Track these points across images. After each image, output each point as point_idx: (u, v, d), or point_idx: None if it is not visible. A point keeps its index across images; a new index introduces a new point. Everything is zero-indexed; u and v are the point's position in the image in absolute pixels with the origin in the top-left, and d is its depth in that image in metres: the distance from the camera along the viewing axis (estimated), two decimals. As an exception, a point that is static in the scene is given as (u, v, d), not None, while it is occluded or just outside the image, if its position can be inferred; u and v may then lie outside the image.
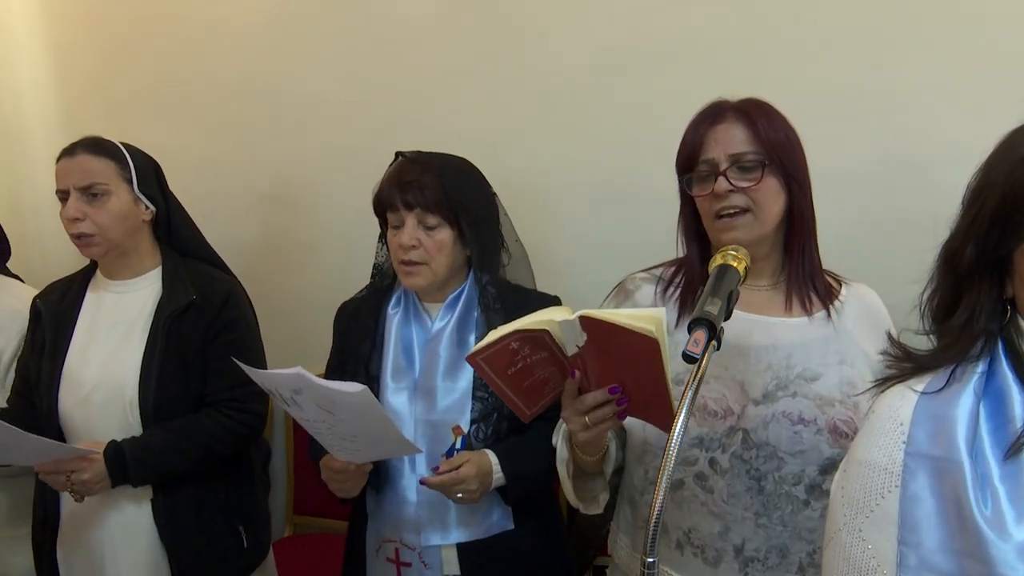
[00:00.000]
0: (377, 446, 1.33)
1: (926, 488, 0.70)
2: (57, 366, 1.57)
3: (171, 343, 1.54)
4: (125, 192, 1.56)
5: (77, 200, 1.52)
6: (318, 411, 1.24)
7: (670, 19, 1.93)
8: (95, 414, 1.54)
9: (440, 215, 1.42)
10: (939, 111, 1.77)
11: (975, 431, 0.70)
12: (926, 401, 0.74)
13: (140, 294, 1.60)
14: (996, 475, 0.69)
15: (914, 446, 0.72)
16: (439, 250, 1.43)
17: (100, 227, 1.53)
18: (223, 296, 1.60)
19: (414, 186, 1.42)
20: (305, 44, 2.20)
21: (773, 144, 1.15)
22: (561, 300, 1.54)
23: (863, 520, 0.74)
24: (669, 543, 1.20)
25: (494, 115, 2.09)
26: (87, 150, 1.55)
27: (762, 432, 1.13)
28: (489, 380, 1.05)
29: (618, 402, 1.03)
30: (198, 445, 1.54)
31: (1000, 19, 1.72)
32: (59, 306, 1.63)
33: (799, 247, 1.21)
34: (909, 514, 0.71)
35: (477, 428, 1.43)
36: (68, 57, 2.38)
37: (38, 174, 2.45)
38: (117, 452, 1.47)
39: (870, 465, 0.74)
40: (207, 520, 1.59)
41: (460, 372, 1.45)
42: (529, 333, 1.01)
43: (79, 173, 1.53)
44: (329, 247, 2.29)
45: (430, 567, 1.46)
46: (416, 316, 1.51)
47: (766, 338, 1.18)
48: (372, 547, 1.52)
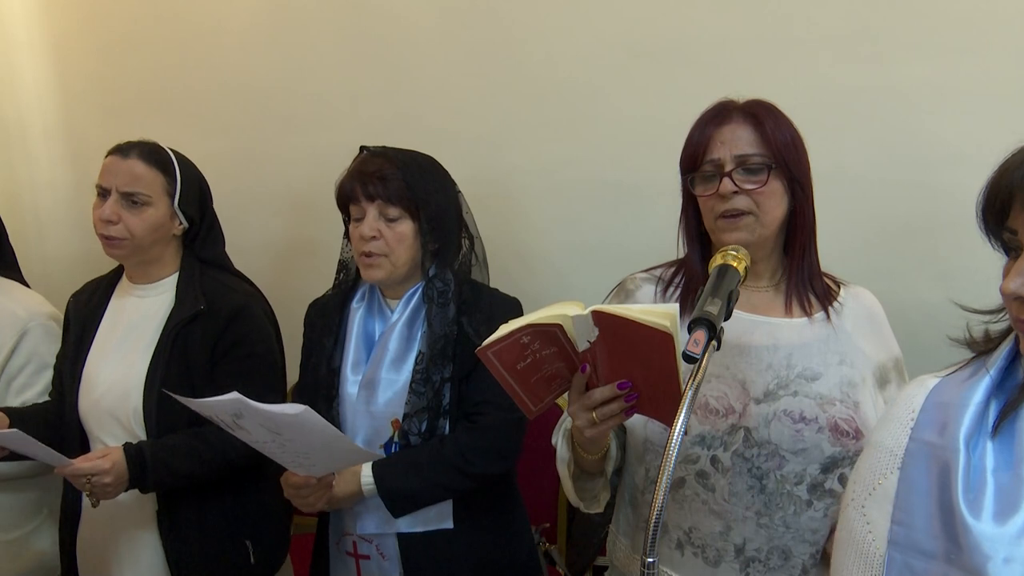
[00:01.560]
0: (333, 458, 1.33)
1: (923, 472, 0.75)
2: (79, 366, 1.59)
3: (177, 352, 1.53)
4: (165, 205, 1.56)
5: (116, 202, 1.52)
6: (265, 432, 1.23)
7: (670, 19, 1.93)
8: (105, 417, 1.55)
9: (401, 207, 1.43)
10: (939, 111, 1.77)
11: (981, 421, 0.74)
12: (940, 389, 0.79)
13: (157, 300, 1.60)
14: (990, 468, 0.72)
15: (919, 431, 0.77)
16: (399, 242, 1.43)
17: (132, 233, 1.53)
18: (234, 308, 1.57)
19: (375, 177, 1.42)
20: (305, 44, 2.20)
21: (779, 147, 1.15)
22: (520, 302, 1.55)
23: (866, 497, 0.79)
24: (669, 543, 1.20)
25: (494, 115, 2.09)
26: (141, 156, 1.54)
27: (764, 430, 1.13)
28: (497, 375, 1.05)
29: (627, 398, 1.03)
30: (216, 452, 1.52)
31: (1000, 19, 1.72)
32: (87, 306, 1.64)
33: (800, 249, 1.21)
34: (904, 495, 0.75)
35: (410, 423, 1.43)
36: (68, 57, 2.38)
37: (38, 174, 2.45)
38: (138, 452, 1.46)
39: (879, 447, 0.80)
40: (211, 535, 1.58)
41: (404, 365, 1.46)
42: (541, 327, 1.00)
43: (126, 176, 1.52)
44: (329, 247, 2.28)
45: (388, 559, 1.47)
46: (379, 310, 1.53)
47: (767, 338, 1.19)
48: (333, 540, 1.53)
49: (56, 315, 1.77)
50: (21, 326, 1.68)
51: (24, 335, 1.68)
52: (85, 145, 2.37)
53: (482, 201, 1.61)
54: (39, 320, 1.71)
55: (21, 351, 1.68)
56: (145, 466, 1.45)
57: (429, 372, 1.43)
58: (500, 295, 1.54)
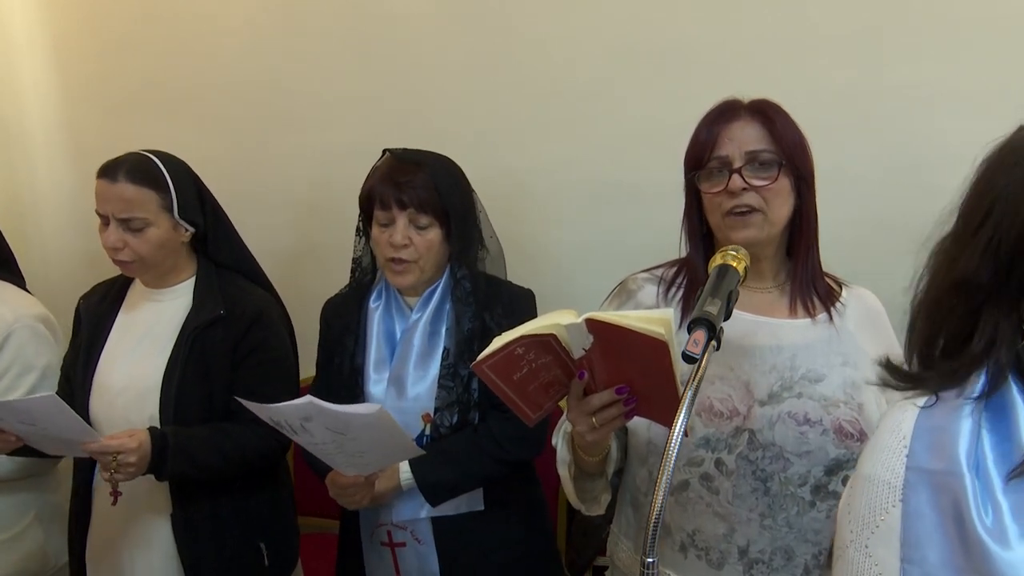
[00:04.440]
0: (386, 456, 1.35)
1: (926, 503, 0.69)
2: (90, 369, 1.58)
3: (195, 356, 1.53)
4: (165, 221, 1.54)
5: (117, 229, 1.51)
6: (328, 434, 1.25)
7: (670, 20, 1.93)
8: (118, 420, 1.54)
9: (432, 215, 1.45)
10: (939, 111, 1.77)
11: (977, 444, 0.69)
12: (926, 415, 0.73)
13: (173, 304, 1.60)
14: (999, 488, 0.67)
15: (915, 460, 0.71)
16: (429, 249, 1.47)
17: (139, 255, 1.52)
18: (253, 313, 1.58)
19: (408, 186, 1.44)
20: (306, 44, 2.20)
21: (788, 144, 1.15)
22: (535, 293, 1.58)
23: (868, 536, 0.73)
24: (673, 545, 1.20)
25: (495, 115, 2.09)
26: (128, 177, 1.50)
27: (768, 432, 1.13)
28: (494, 387, 1.05)
29: (625, 402, 1.03)
30: (235, 447, 1.52)
31: (1000, 19, 1.72)
32: (98, 308, 1.64)
33: (804, 250, 1.21)
34: (911, 530, 0.69)
35: (441, 416, 1.47)
36: (68, 57, 2.37)
37: (38, 174, 2.45)
38: (161, 436, 1.45)
39: (874, 480, 0.74)
40: (225, 536, 1.57)
41: (431, 361, 1.50)
42: (536, 338, 1.00)
43: (119, 203, 1.50)
44: (329, 247, 2.28)
45: (424, 543, 1.50)
46: (397, 309, 1.55)
47: (770, 339, 1.19)
48: (367, 534, 1.55)
49: (46, 317, 1.75)
50: (6, 328, 1.66)
51: (8, 337, 1.66)
52: (85, 145, 2.37)
53: (485, 201, 1.61)
54: (25, 322, 1.69)
55: (5, 353, 1.66)
56: (166, 451, 1.45)
57: (456, 367, 1.47)
58: (516, 288, 1.58)
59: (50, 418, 1.36)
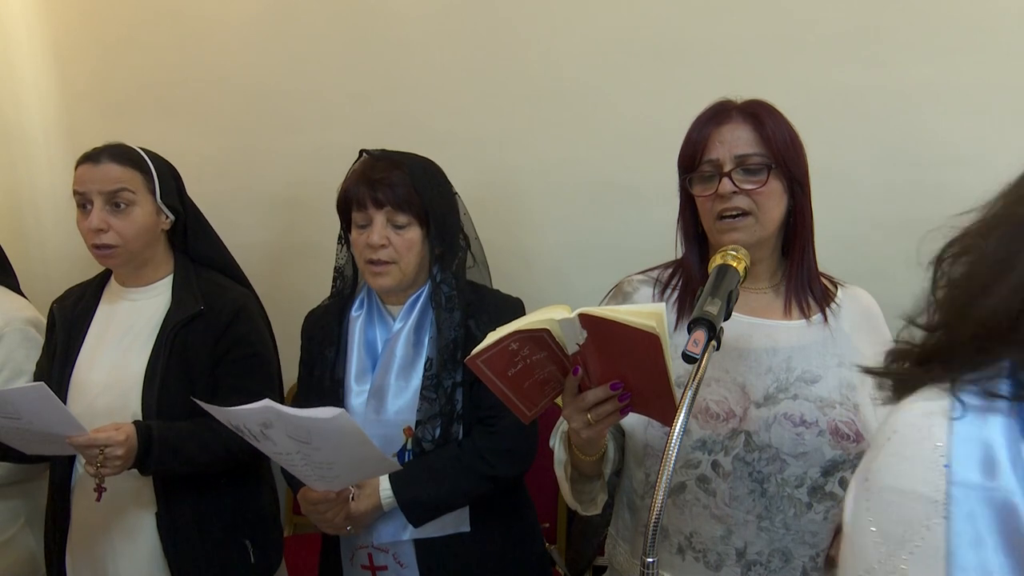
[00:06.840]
0: (356, 469, 1.30)
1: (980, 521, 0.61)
2: (67, 371, 1.57)
3: (176, 352, 1.53)
4: (149, 203, 1.55)
5: (101, 209, 1.51)
6: (291, 442, 1.20)
7: (670, 19, 1.93)
8: (100, 420, 1.52)
9: (411, 213, 1.41)
10: (939, 111, 1.78)
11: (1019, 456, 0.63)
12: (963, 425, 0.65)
13: (151, 302, 1.60)
14: None
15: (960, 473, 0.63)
16: (408, 249, 1.42)
17: (124, 239, 1.52)
18: (233, 309, 1.58)
19: (384, 183, 1.39)
20: (305, 44, 2.20)
21: (779, 147, 1.15)
22: (523, 302, 1.54)
23: (906, 556, 0.64)
24: (670, 548, 1.20)
25: (493, 115, 2.09)
26: (112, 158, 1.53)
27: (764, 434, 1.13)
28: (489, 383, 1.05)
29: (620, 398, 1.03)
30: (219, 441, 1.51)
31: (1000, 19, 1.72)
32: (73, 312, 1.62)
33: (799, 251, 1.21)
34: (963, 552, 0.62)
35: (423, 429, 1.42)
36: (68, 57, 2.37)
37: (38, 174, 2.44)
38: (146, 429, 1.45)
39: (906, 493, 0.65)
40: (211, 534, 1.57)
41: (413, 372, 1.44)
42: (529, 333, 1.00)
43: (105, 179, 1.51)
44: (326, 247, 2.28)
45: (407, 567, 1.44)
46: (380, 317, 1.50)
47: (766, 341, 1.18)
48: (347, 556, 1.50)
49: (37, 320, 1.75)
50: None
51: None
52: (85, 145, 2.32)
53: (481, 202, 1.61)
54: (16, 325, 1.69)
55: None
56: (151, 443, 1.44)
57: (440, 377, 1.42)
58: (502, 296, 1.53)
59: (36, 411, 1.35)
